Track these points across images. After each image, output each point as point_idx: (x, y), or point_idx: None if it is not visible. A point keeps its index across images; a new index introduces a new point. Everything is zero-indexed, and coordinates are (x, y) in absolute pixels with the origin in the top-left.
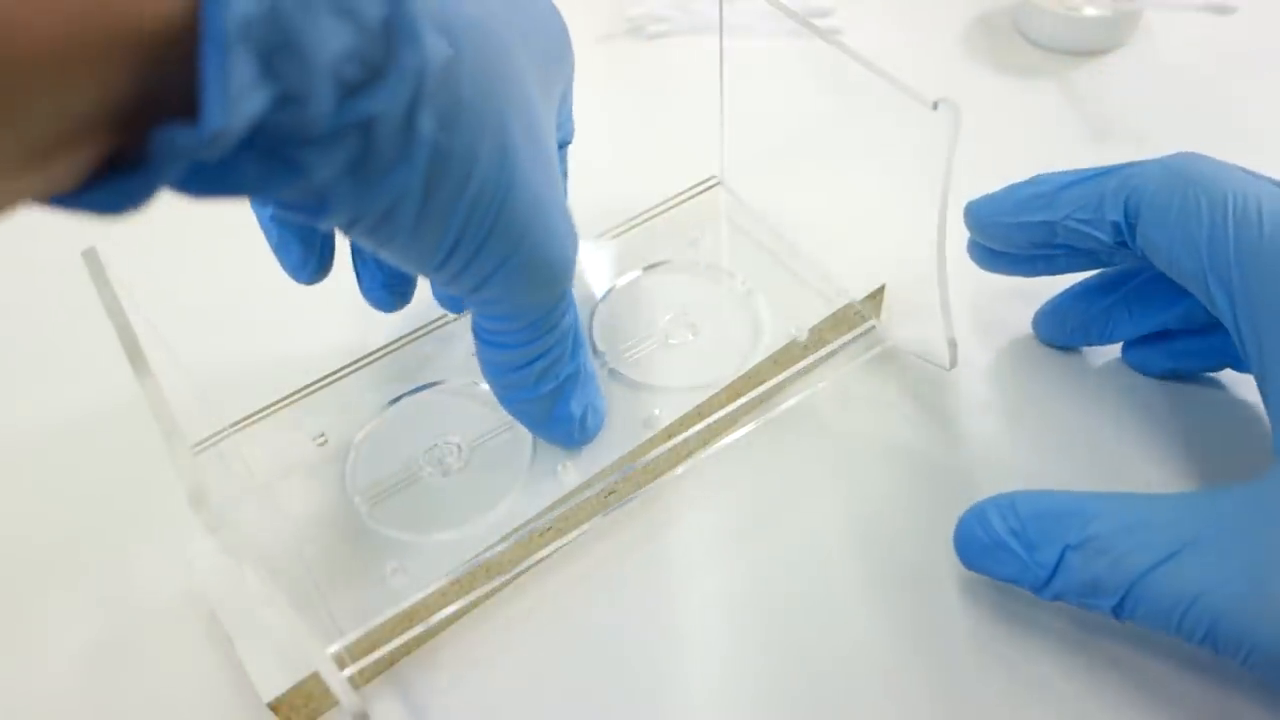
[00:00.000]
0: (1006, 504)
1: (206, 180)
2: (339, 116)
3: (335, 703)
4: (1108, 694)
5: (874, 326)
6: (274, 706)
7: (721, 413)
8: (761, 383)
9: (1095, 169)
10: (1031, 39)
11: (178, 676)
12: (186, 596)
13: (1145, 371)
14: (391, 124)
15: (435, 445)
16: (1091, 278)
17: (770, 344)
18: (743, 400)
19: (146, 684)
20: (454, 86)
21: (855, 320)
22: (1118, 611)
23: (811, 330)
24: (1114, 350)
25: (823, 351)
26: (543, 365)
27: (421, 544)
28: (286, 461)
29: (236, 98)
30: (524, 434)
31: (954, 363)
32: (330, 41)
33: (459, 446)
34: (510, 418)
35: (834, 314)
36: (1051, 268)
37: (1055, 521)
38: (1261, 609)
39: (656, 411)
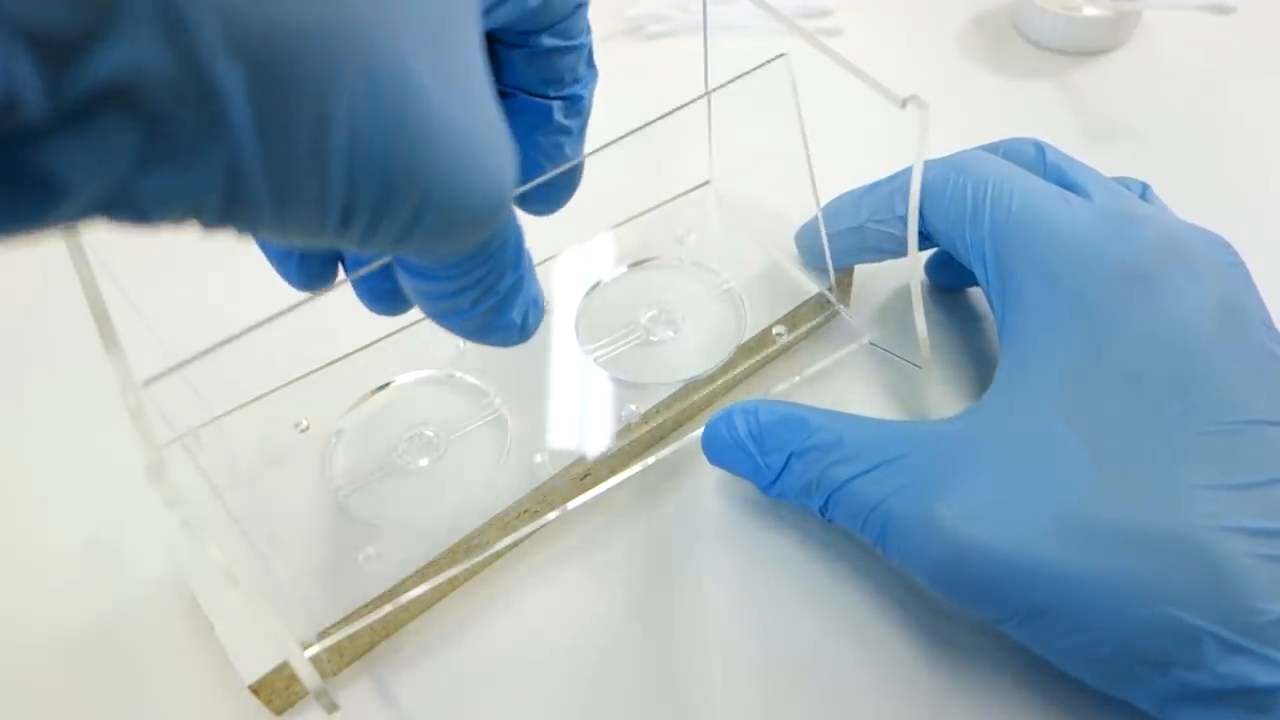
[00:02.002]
0: (751, 410)
1: None
2: (55, 98)
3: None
4: None
5: (837, 313)
6: (255, 689)
7: (697, 401)
8: (737, 378)
9: (884, 178)
10: (1030, 39)
11: (160, 660)
12: (168, 580)
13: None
14: (163, 86)
15: (414, 434)
16: None
17: (749, 341)
18: (712, 390)
19: (129, 668)
20: (265, 8)
21: (824, 307)
22: (823, 511)
23: (783, 317)
24: None
25: (790, 338)
26: (479, 290)
27: (398, 530)
28: (267, 447)
29: None
30: (502, 423)
31: (926, 361)
32: None
33: (437, 435)
34: (489, 409)
35: (804, 301)
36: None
37: (786, 430)
38: (915, 518)
39: (633, 407)
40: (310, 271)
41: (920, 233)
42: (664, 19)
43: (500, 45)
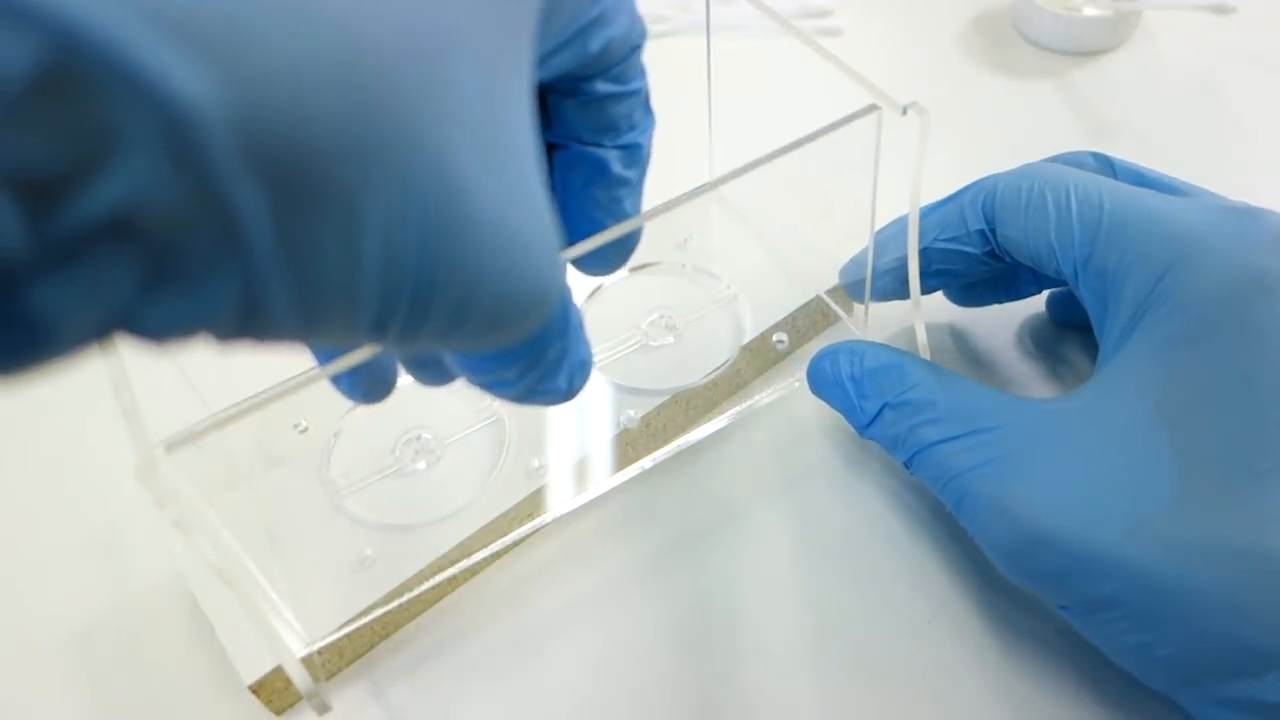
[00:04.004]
0: (858, 352)
1: None
2: (40, 239)
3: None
4: None
5: (839, 318)
6: (255, 689)
7: (697, 407)
8: (738, 384)
9: (948, 195)
10: (1031, 39)
11: (161, 660)
12: (168, 580)
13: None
14: (170, 213)
15: (412, 436)
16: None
17: (749, 348)
18: (712, 396)
19: (130, 668)
20: (289, 119)
21: (829, 315)
22: (908, 465)
23: (782, 323)
24: (1087, 358)
25: (791, 343)
26: (525, 364)
27: (396, 532)
28: (267, 449)
29: None
30: (500, 427)
31: None
32: None
33: (436, 437)
34: (489, 411)
35: (804, 306)
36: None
37: (885, 378)
38: (993, 497)
39: (632, 412)
40: (357, 383)
41: (990, 250)
42: (664, 19)
43: (551, 94)
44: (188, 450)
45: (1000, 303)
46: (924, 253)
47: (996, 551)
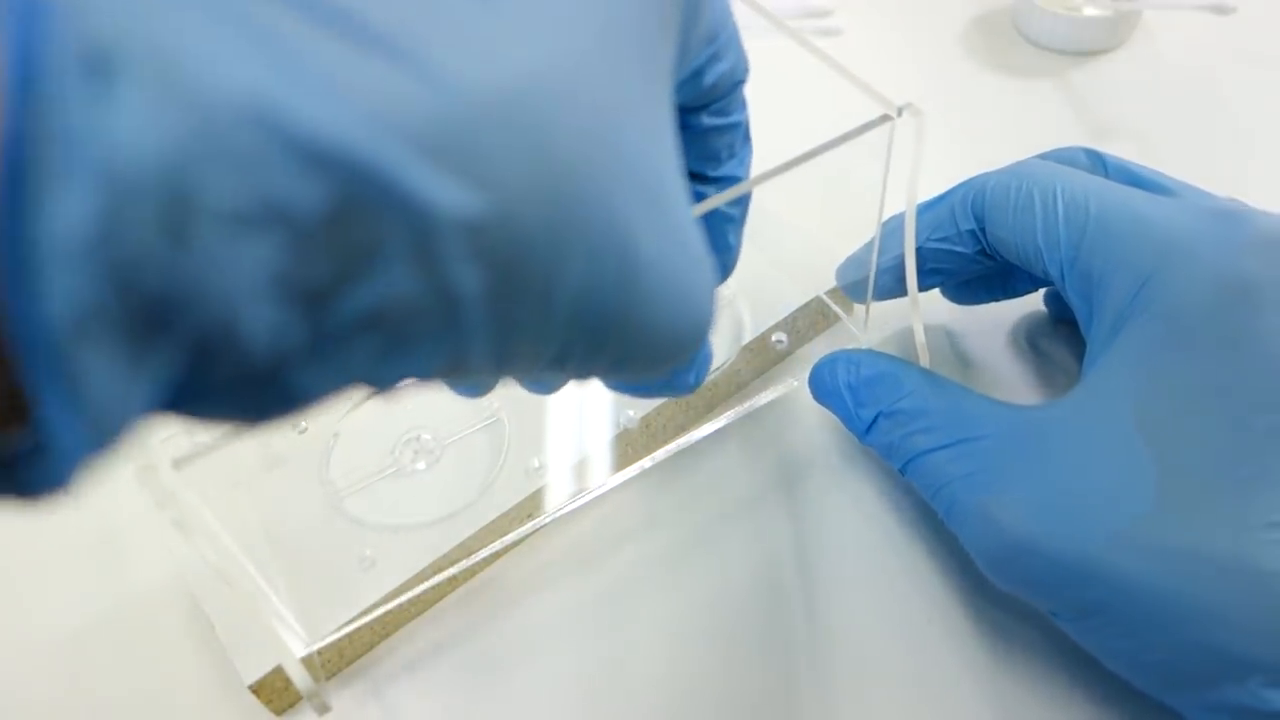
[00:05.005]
0: (854, 360)
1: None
2: (314, 334)
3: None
4: None
5: (839, 318)
6: (255, 689)
7: (697, 407)
8: (737, 384)
9: (940, 194)
10: (1031, 39)
11: (161, 660)
12: (168, 580)
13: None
14: (409, 305)
15: (411, 437)
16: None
17: (749, 348)
18: (711, 396)
19: (130, 668)
20: (504, 215)
21: (829, 316)
22: (902, 472)
23: (782, 323)
24: (1081, 358)
25: (790, 344)
26: (667, 378)
27: (395, 532)
28: (266, 449)
29: (101, 404)
30: (499, 427)
31: (925, 366)
32: (245, 265)
33: (435, 438)
34: (488, 411)
35: (804, 306)
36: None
37: (880, 386)
38: (980, 506)
39: (631, 412)
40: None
41: (980, 249)
42: None
43: None
44: (186, 441)
45: (997, 300)
46: (916, 252)
47: (984, 559)
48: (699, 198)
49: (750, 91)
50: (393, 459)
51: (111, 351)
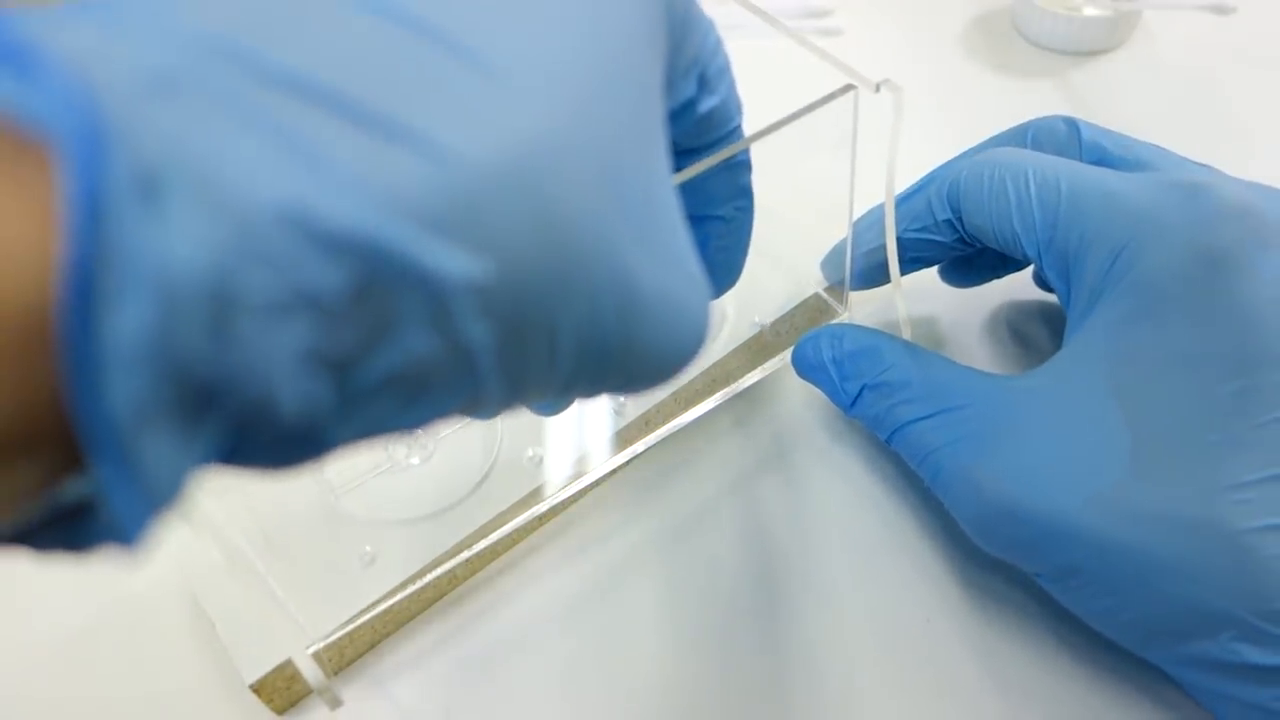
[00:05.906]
0: (838, 335)
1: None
2: (341, 397)
3: None
4: None
5: (839, 315)
6: (256, 689)
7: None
8: (728, 374)
9: (915, 184)
10: (1031, 39)
11: (162, 659)
12: (168, 580)
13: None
14: (426, 363)
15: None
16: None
17: (733, 335)
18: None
19: (131, 667)
20: (511, 273)
21: (829, 311)
22: (889, 442)
23: (779, 321)
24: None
25: (783, 335)
26: None
27: (394, 528)
28: None
29: (156, 477)
30: (493, 420)
31: (908, 339)
32: (279, 347)
33: (426, 432)
34: None
35: (802, 303)
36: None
37: (864, 360)
38: (963, 472)
39: (622, 400)
40: None
41: (959, 237)
42: None
43: None
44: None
45: (996, 278)
46: (898, 242)
47: (968, 523)
48: (701, 241)
49: (749, 92)
50: (387, 455)
51: (165, 433)
